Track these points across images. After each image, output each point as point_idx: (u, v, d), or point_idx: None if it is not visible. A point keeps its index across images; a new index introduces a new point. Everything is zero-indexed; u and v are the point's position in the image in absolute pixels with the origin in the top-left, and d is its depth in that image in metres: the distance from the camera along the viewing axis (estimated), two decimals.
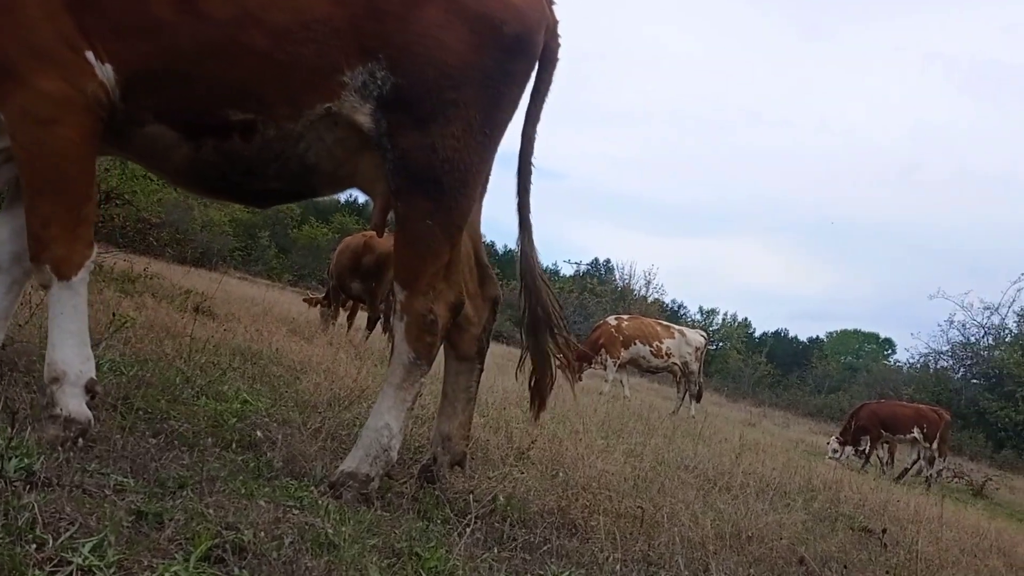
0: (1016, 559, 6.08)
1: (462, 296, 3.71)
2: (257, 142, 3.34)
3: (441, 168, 3.39)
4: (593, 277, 46.34)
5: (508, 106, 3.64)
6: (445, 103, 3.37)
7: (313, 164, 3.48)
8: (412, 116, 3.36)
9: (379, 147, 3.40)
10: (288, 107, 3.31)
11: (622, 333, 14.84)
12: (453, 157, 3.39)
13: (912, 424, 14.62)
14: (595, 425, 7.03)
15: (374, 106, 3.34)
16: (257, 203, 4.11)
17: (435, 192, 3.41)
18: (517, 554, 3.24)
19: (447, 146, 3.38)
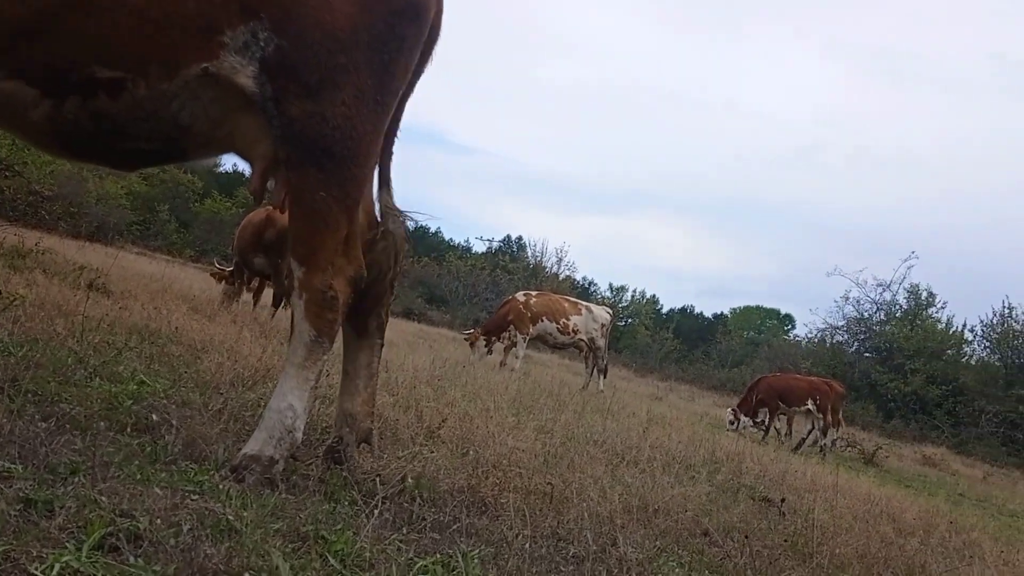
0: (904, 524, 6.36)
1: (362, 270, 3.60)
2: (126, 101, 3.12)
3: (332, 137, 3.25)
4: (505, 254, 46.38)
5: (400, 72, 3.51)
6: (334, 68, 3.22)
7: (187, 125, 3.29)
8: (299, 81, 3.21)
9: (264, 113, 3.24)
10: (161, 66, 3.10)
11: (530, 309, 14.88)
12: (344, 125, 3.26)
13: (807, 396, 15.19)
14: (506, 402, 7.04)
15: (257, 68, 3.17)
16: (124, 165, 3.80)
17: (327, 162, 3.28)
18: (426, 534, 3.20)
19: (337, 114, 3.24)
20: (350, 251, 3.53)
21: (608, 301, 49.93)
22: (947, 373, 36.22)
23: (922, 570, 4.75)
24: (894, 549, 5.08)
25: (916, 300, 41.08)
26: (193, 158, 3.73)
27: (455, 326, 29.04)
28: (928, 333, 38.53)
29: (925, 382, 35.32)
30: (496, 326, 14.84)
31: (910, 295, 41.03)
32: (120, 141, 3.29)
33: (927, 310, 41.13)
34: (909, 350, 36.85)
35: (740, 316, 77.21)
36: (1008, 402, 33.62)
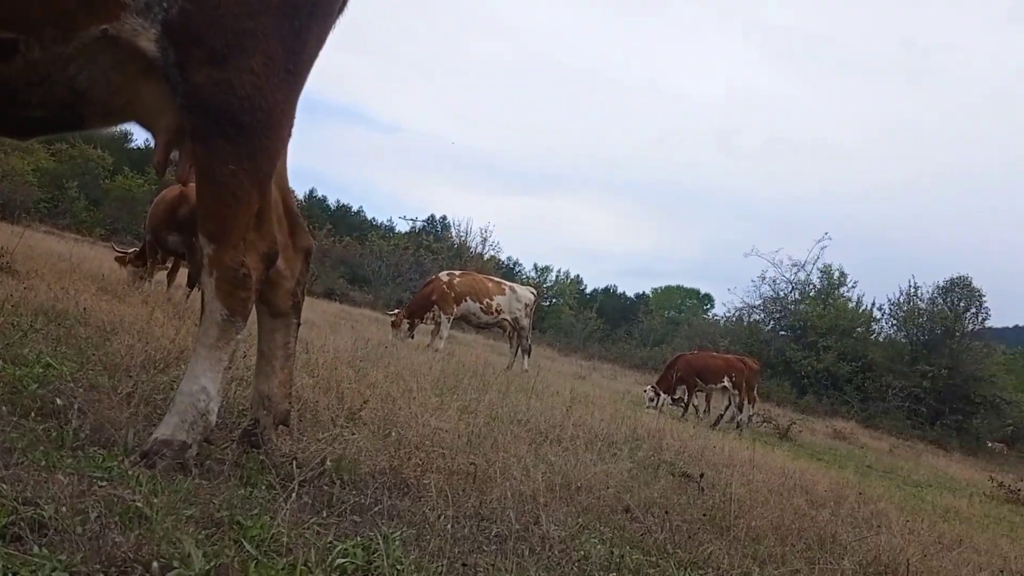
0: (816, 496, 6.58)
1: (275, 247, 3.48)
2: (18, 64, 2.93)
3: (240, 107, 3.09)
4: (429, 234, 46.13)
5: (314, 41, 3.37)
6: (242, 33, 3.06)
7: (84, 90, 3.10)
8: (205, 46, 3.03)
9: (168, 80, 3.06)
10: (57, 27, 2.91)
11: (454, 289, 14.79)
12: (253, 95, 3.10)
13: (723, 374, 15.56)
14: (429, 383, 6.98)
15: (160, 31, 2.99)
16: (17, 132, 3.60)
17: (236, 134, 3.12)
18: (347, 517, 3.15)
19: (246, 82, 3.08)
20: (263, 226, 3.40)
21: (533, 281, 50.21)
22: (857, 350, 37.57)
23: (833, 540, 4.91)
24: (807, 520, 5.24)
25: (829, 280, 42.44)
26: (92, 127, 3.50)
27: (378, 306, 28.73)
28: (840, 312, 39.87)
29: (836, 359, 36.57)
30: (420, 306, 14.72)
31: (823, 275, 42.42)
32: (12, 107, 3.09)
33: (839, 289, 42.56)
34: (822, 328, 38.09)
35: (661, 296, 78.60)
36: (913, 377, 35.10)
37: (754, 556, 4.12)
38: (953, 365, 35.13)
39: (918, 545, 5.40)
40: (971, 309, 38.30)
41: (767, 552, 4.22)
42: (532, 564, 3.13)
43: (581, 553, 3.39)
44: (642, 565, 3.46)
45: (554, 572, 3.13)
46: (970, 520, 8.62)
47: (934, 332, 37.12)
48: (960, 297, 38.37)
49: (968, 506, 9.94)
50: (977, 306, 38.37)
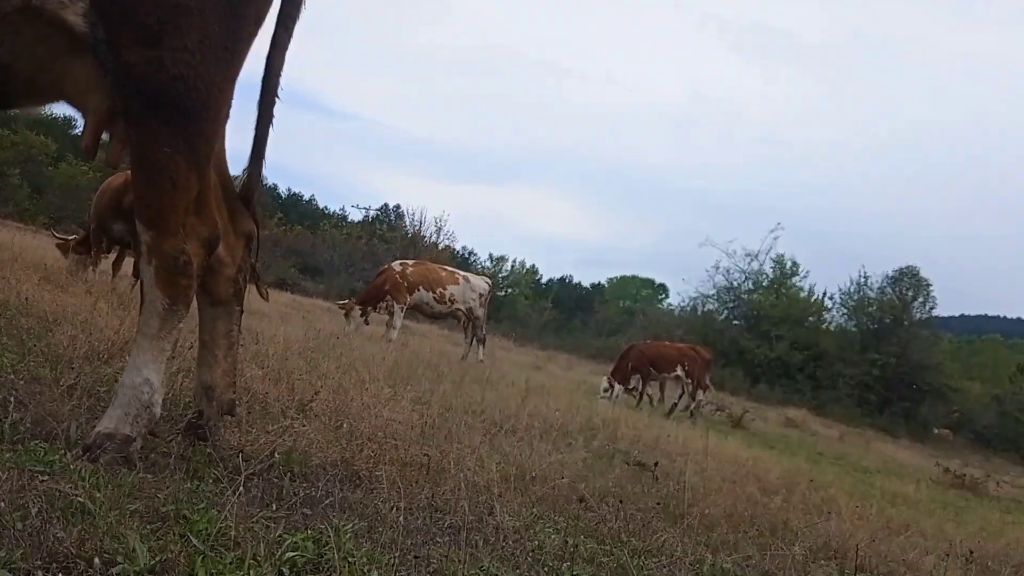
0: (769, 484, 6.67)
1: (217, 231, 3.38)
2: None
3: (175, 87, 2.95)
4: (383, 223, 45.71)
5: (252, 18, 3.25)
6: (175, 9, 2.92)
7: (7, 65, 2.96)
8: (136, 23, 2.89)
9: (98, 57, 2.94)
10: None
11: (407, 279, 14.63)
12: (188, 75, 2.96)
13: (676, 363, 15.70)
14: (382, 374, 6.91)
15: (87, 5, 2.85)
16: None
17: (171, 115, 2.98)
18: (297, 510, 3.10)
19: (180, 61, 2.94)
20: (203, 211, 3.29)
21: (488, 271, 50.11)
22: (808, 339, 38.22)
23: (784, 526, 4.97)
24: (759, 508, 5.31)
25: (781, 270, 43.07)
26: (18, 105, 3.37)
27: (330, 296, 28.43)
28: (792, 301, 40.51)
29: (789, 348, 37.16)
30: (372, 296, 14.56)
31: (776, 265, 43.04)
32: None
33: (791, 279, 43.22)
34: (775, 317, 38.67)
35: (617, 286, 79.09)
36: (863, 366, 35.83)
37: (707, 543, 4.15)
38: (901, 354, 35.92)
39: (867, 530, 5.50)
40: (919, 299, 39.21)
41: (720, 539, 4.26)
42: (486, 555, 3.11)
43: (535, 543, 3.38)
44: (596, 554, 3.46)
45: (508, 563, 3.11)
46: (917, 505, 8.81)
47: (883, 321, 37.92)
48: (908, 287, 39.22)
49: (915, 491, 10.16)
50: (924, 296, 39.31)
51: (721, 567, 3.75)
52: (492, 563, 3.02)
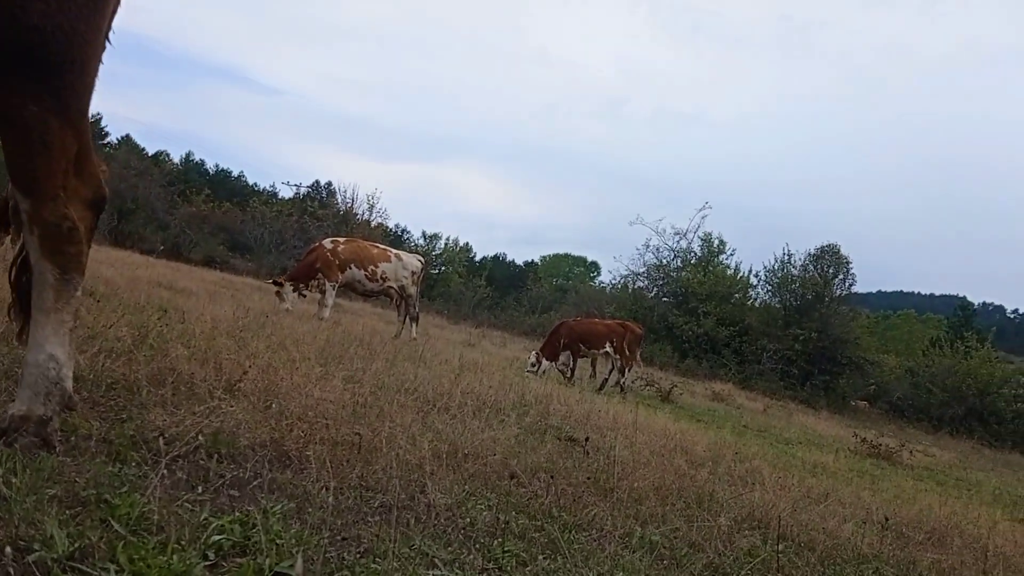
0: (696, 456, 6.80)
1: (103, 191, 3.16)
2: None
3: (36, 39, 2.73)
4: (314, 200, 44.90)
5: None
6: None
7: None
8: None
9: None
10: None
11: (338, 256, 14.42)
12: (48, 24, 2.74)
13: (604, 339, 15.86)
14: (314, 353, 6.82)
15: None
16: None
17: (34, 70, 2.77)
18: (224, 492, 3.05)
19: (38, 10, 2.72)
20: (84, 171, 3.07)
21: (421, 249, 49.81)
22: (735, 315, 39.02)
23: (710, 498, 5.09)
24: (686, 480, 5.42)
25: (709, 248, 43.85)
26: None
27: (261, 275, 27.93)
28: (719, 278, 41.26)
29: (716, 324, 37.90)
30: (303, 274, 14.33)
31: (704, 243, 43.78)
32: None
33: (718, 257, 44.04)
34: (702, 294, 39.37)
35: (550, 263, 79.56)
36: (786, 340, 36.79)
37: (636, 516, 4.23)
38: (822, 329, 36.96)
39: (788, 500, 5.66)
40: (839, 276, 40.31)
41: (649, 512, 4.34)
42: (417, 533, 3.11)
43: (467, 520, 3.39)
44: (528, 529, 3.49)
45: (440, 540, 3.11)
46: (836, 474, 9.10)
47: (805, 298, 38.89)
48: (829, 264, 40.29)
49: (834, 461, 10.49)
50: (844, 273, 40.41)
51: (650, 539, 3.82)
52: (424, 541, 3.03)
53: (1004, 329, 69.69)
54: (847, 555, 4.59)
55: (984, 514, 7.88)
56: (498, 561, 3.02)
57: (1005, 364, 38.95)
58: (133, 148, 48.35)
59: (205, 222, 37.82)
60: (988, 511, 8.48)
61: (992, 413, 34.61)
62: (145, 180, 35.39)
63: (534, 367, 14.80)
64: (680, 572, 3.50)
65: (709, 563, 3.71)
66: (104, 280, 9.68)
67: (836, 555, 4.54)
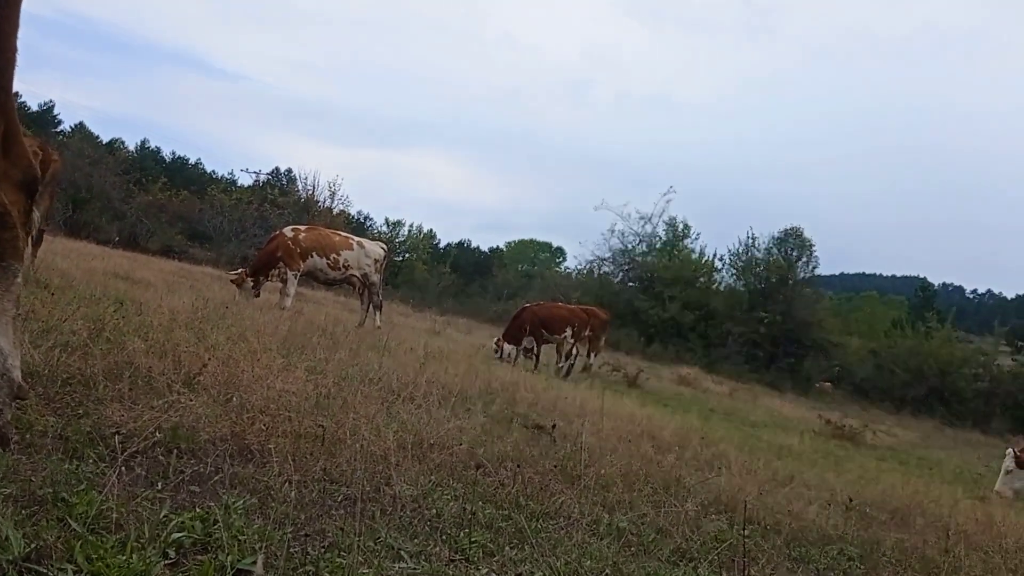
0: (662, 441, 6.84)
1: (33, 171, 3.04)
2: None
3: None
4: (274, 187, 44.29)
5: None
6: None
7: None
8: None
9: None
10: None
11: (299, 244, 14.23)
12: None
13: (566, 324, 15.89)
14: (275, 344, 6.73)
15: None
16: None
17: None
18: (184, 488, 2.99)
19: None
20: (12, 150, 2.95)
21: (384, 236, 49.47)
22: (700, 299, 39.35)
23: (677, 483, 5.11)
24: (653, 466, 5.44)
25: (674, 232, 44.07)
26: None
27: (220, 264, 27.55)
28: (684, 263, 41.55)
29: (681, 308, 38.19)
30: (264, 263, 14.12)
31: (668, 228, 44.00)
32: None
33: (683, 241, 44.30)
34: (667, 279, 39.61)
35: (515, 249, 79.43)
36: (751, 323, 37.19)
37: (604, 503, 4.23)
38: (787, 311, 37.40)
39: (755, 483, 5.72)
40: (803, 258, 40.80)
41: (616, 499, 4.34)
42: (383, 525, 3.08)
43: (433, 511, 3.36)
44: (494, 519, 3.47)
45: (406, 532, 3.08)
46: (801, 456, 9.22)
47: (770, 280, 39.32)
48: (793, 247, 40.77)
49: (799, 443, 10.64)
50: (808, 256, 40.90)
51: (617, 526, 3.82)
52: (389, 533, 2.99)
53: (964, 309, 71.09)
54: (812, 536, 4.65)
55: (946, 492, 8.03)
56: (465, 552, 3.00)
57: (965, 344, 39.75)
58: (87, 136, 47.32)
59: (162, 211, 37.11)
60: (950, 489, 8.65)
61: (953, 393, 35.30)
62: (100, 169, 34.59)
63: (497, 353, 14.79)
64: (648, 558, 3.50)
65: (676, 548, 3.73)
66: (59, 272, 9.47)
67: (802, 537, 4.58)
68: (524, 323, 15.60)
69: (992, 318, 48.44)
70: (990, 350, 38.48)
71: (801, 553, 4.27)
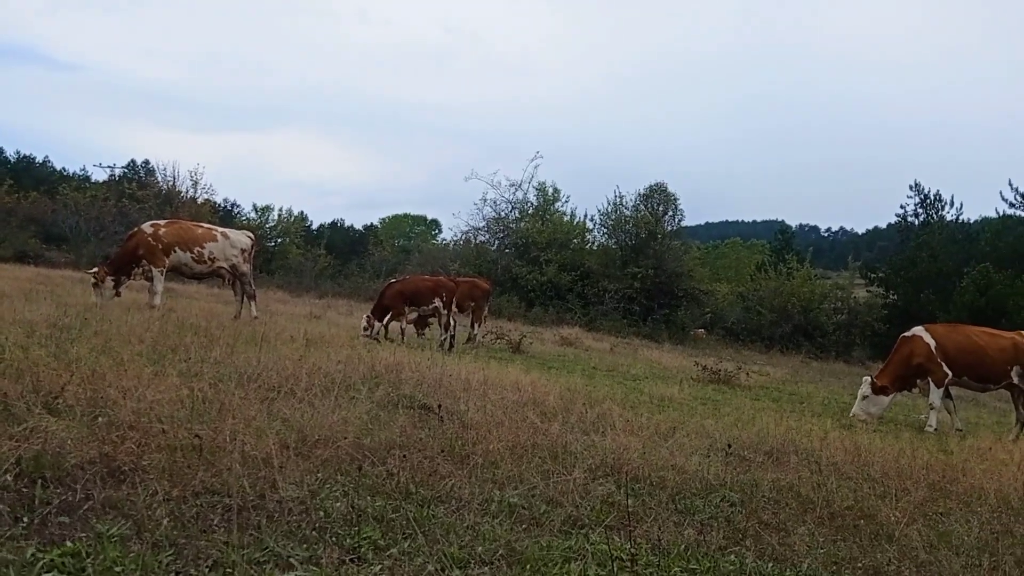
0: (547, 408, 6.91)
1: None
2: None
3: None
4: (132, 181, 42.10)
5: None
6: None
7: None
8: None
9: None
10: None
11: (160, 240, 13.62)
12: None
13: (432, 295, 15.88)
14: (145, 349, 6.45)
15: None
16: None
17: None
18: (52, 520, 2.84)
19: None
20: None
21: (254, 223, 47.99)
22: (575, 260, 39.98)
23: (564, 450, 5.20)
24: (540, 435, 5.50)
25: (544, 197, 44.45)
26: None
27: (81, 266, 26.08)
28: (556, 226, 42.03)
29: (558, 270, 38.72)
30: (125, 261, 13.45)
31: (539, 192, 44.36)
32: None
33: (554, 205, 44.78)
34: (542, 243, 40.04)
35: (390, 225, 78.56)
36: (625, 280, 38.12)
37: (494, 480, 4.27)
38: (658, 265, 38.49)
39: (639, 441, 5.89)
40: (668, 212, 41.99)
41: (505, 475, 4.38)
42: (270, 533, 3.01)
43: (321, 512, 3.31)
44: (385, 511, 3.45)
45: (294, 537, 3.03)
46: (682, 406, 9.54)
47: (639, 236, 40.27)
48: (659, 202, 41.85)
49: (679, 392, 10.98)
50: (673, 209, 42.11)
51: (508, 502, 3.87)
52: (276, 541, 2.94)
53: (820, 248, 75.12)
54: (696, 487, 4.83)
55: (816, 426, 8.48)
56: (356, 550, 2.97)
57: (823, 281, 42.05)
58: None
59: (11, 215, 34.79)
60: (819, 422, 9.14)
61: (816, 327, 37.34)
62: None
63: (367, 331, 14.65)
64: (540, 531, 3.56)
65: (567, 517, 3.80)
66: None
67: (686, 489, 4.76)
68: (389, 299, 15.47)
69: (846, 254, 51.51)
70: (846, 284, 40.99)
71: (686, 505, 4.43)
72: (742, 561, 3.53)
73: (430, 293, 15.83)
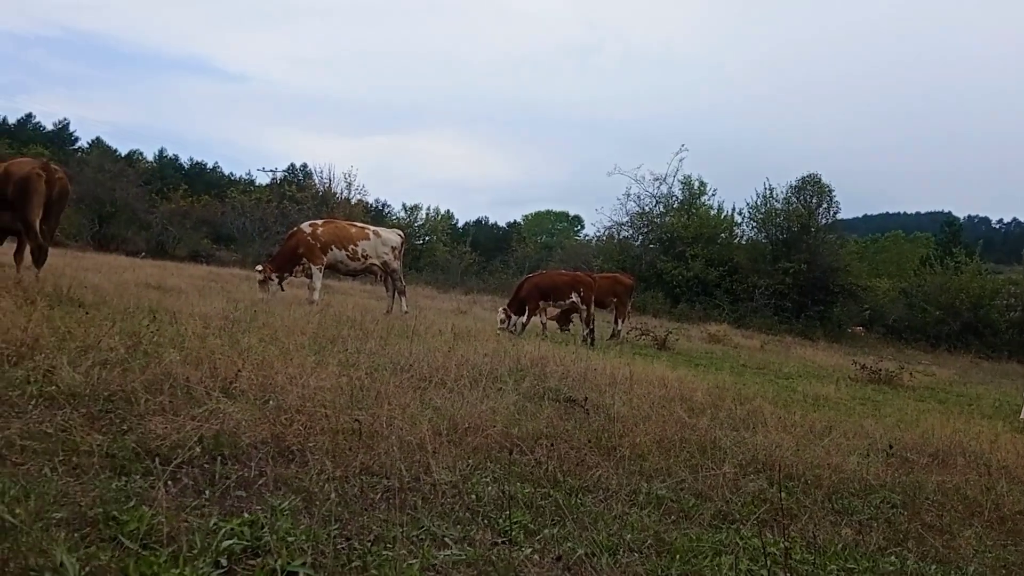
0: (695, 404, 6.82)
1: None
2: None
3: None
4: (291, 183, 44.48)
5: None
6: None
7: None
8: None
9: None
10: None
11: (318, 239, 14.38)
12: None
13: (569, 290, 15.86)
14: (307, 341, 6.83)
15: None
16: None
17: None
18: (231, 494, 3.07)
19: None
20: None
21: (403, 222, 49.61)
22: (723, 255, 39.03)
23: (713, 445, 5.13)
24: (688, 430, 5.45)
25: (690, 190, 43.63)
26: None
27: (247, 264, 27.79)
28: (703, 220, 41.16)
29: (704, 266, 37.94)
30: (286, 260, 14.27)
31: (684, 186, 43.57)
32: None
33: (700, 198, 43.87)
34: (688, 237, 39.32)
35: (532, 222, 79.30)
36: (776, 275, 36.88)
37: (641, 472, 4.27)
38: (811, 259, 37.00)
39: (792, 438, 5.72)
40: (823, 205, 40.25)
41: (652, 467, 4.38)
42: (425, 513, 3.15)
43: (473, 496, 3.43)
44: (534, 498, 3.53)
45: (448, 518, 3.15)
46: (838, 405, 9.19)
47: (791, 230, 38.86)
48: (812, 194, 40.19)
49: (836, 391, 10.56)
50: (828, 201, 40.34)
51: (656, 494, 3.87)
52: (432, 521, 3.06)
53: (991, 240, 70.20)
54: (854, 487, 4.66)
55: (986, 428, 7.98)
56: (507, 533, 3.06)
57: (995, 275, 39.23)
58: (105, 151, 47.86)
59: (186, 217, 37.52)
60: (989, 425, 8.59)
61: (987, 325, 34.90)
62: (121, 182, 35.08)
63: (504, 324, 14.82)
64: (689, 524, 3.55)
65: (717, 512, 3.77)
66: (91, 287, 9.62)
67: (843, 489, 4.60)
68: (525, 293, 15.59)
69: (1020, 247, 47.69)
70: (1021, 279, 37.93)
71: (844, 505, 4.29)
72: (903, 563, 3.39)
73: (567, 288, 15.85)
